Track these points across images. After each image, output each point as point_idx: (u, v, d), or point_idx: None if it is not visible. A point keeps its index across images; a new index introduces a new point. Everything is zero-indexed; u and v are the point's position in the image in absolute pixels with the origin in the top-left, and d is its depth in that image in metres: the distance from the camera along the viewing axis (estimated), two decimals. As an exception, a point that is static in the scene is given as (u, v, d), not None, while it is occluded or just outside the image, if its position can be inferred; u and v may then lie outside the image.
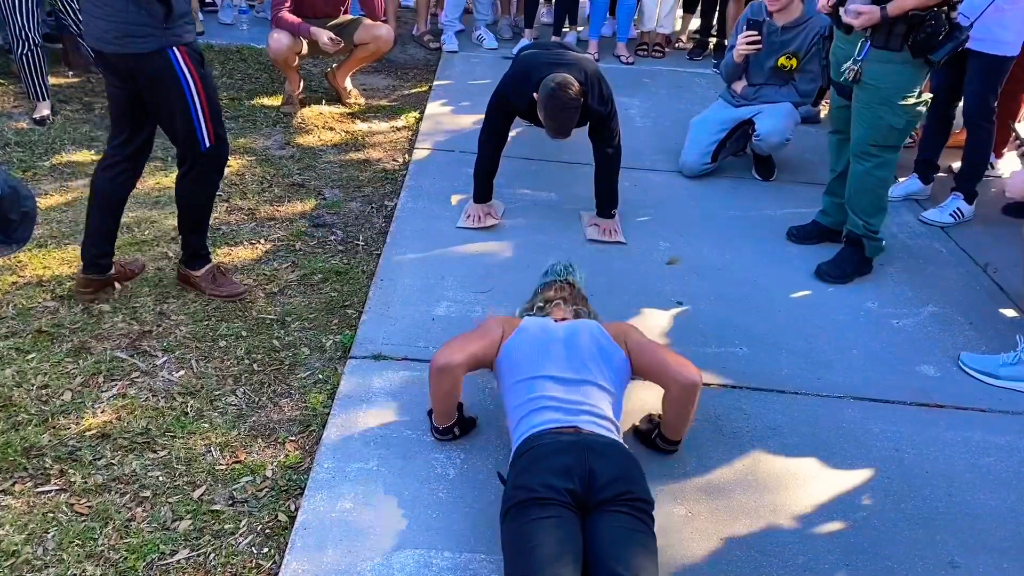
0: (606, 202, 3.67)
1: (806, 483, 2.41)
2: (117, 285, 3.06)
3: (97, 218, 2.94)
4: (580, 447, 2.02)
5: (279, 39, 4.58)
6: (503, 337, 2.34)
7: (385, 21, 5.66)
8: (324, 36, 4.52)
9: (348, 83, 5.05)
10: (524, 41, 6.21)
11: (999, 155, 4.57)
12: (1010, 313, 3.31)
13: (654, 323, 3.07)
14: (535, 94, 3.29)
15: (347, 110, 4.96)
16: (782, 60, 4.12)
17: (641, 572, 1.80)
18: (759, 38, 4.06)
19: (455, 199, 3.82)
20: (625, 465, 2.03)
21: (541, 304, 2.57)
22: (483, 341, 2.32)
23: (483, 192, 3.69)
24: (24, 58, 4.26)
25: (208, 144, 2.82)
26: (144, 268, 3.18)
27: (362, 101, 5.09)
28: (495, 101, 3.56)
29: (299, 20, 4.56)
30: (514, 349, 2.32)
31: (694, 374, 2.25)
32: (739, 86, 4.28)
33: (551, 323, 2.42)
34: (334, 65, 5.04)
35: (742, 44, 4.09)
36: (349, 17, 4.87)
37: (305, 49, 4.72)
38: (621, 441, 2.17)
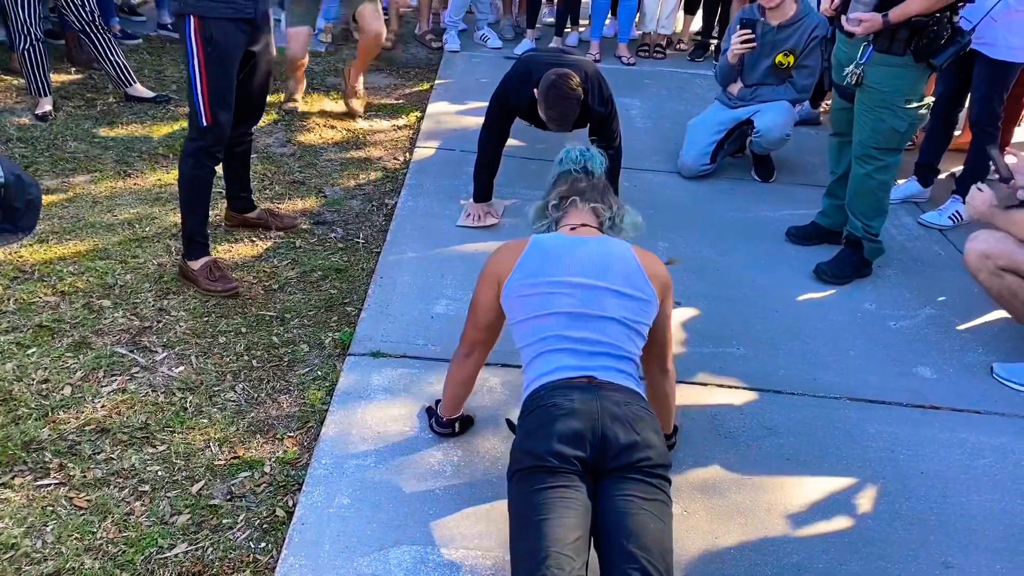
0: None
1: (802, 483, 2.42)
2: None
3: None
4: (593, 408, 1.86)
5: (299, 41, 4.51)
6: (500, 284, 2.11)
7: (386, 19, 5.63)
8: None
9: (360, 84, 4.95)
10: (526, 42, 6.24)
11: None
12: (1006, 316, 3.31)
13: (652, 323, 3.08)
14: (535, 90, 3.31)
15: (346, 108, 4.96)
16: (779, 58, 4.13)
17: (652, 547, 1.71)
18: (753, 37, 4.08)
19: (464, 202, 3.82)
20: (640, 429, 1.86)
21: (555, 202, 2.25)
22: (481, 320, 2.19)
23: (483, 191, 3.71)
24: (26, 53, 4.27)
25: (205, 122, 2.88)
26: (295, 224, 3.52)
27: (360, 109, 4.92)
28: (495, 100, 3.57)
29: None
30: (518, 284, 2.07)
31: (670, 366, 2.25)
32: (735, 88, 4.29)
33: (563, 240, 2.13)
34: (349, 61, 4.98)
35: (736, 43, 4.10)
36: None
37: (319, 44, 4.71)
38: (640, 390, 2.01)
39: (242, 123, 3.16)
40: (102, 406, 2.51)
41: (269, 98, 4.91)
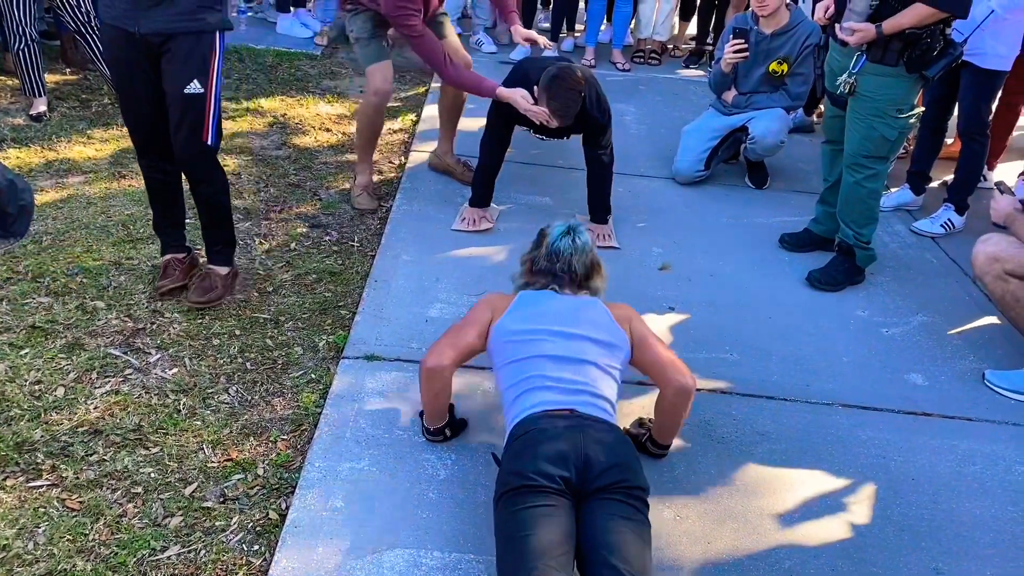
0: (600, 208, 3.70)
1: (794, 488, 2.44)
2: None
3: None
4: (576, 433, 1.99)
5: (387, 76, 3.70)
6: (492, 319, 2.30)
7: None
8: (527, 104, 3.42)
9: (453, 158, 4.19)
10: (521, 48, 6.24)
11: (991, 167, 4.61)
12: (997, 323, 3.34)
13: (646, 328, 3.09)
14: (535, 87, 3.32)
15: (342, 111, 4.96)
16: (773, 66, 4.16)
17: (634, 561, 1.79)
18: (746, 46, 4.11)
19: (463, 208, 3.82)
20: (621, 452, 1.99)
21: (539, 286, 2.40)
22: (471, 332, 2.29)
23: (482, 196, 3.71)
24: (21, 54, 4.27)
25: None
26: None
27: (468, 174, 4.03)
28: (494, 106, 3.58)
29: (479, 77, 3.61)
30: (506, 329, 2.26)
31: (689, 381, 2.25)
32: (729, 96, 4.31)
33: (549, 296, 2.34)
34: (435, 151, 4.24)
35: (729, 53, 4.13)
36: (441, 15, 3.92)
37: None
38: (618, 424, 2.14)
39: (149, 155, 2.94)
40: (95, 407, 2.51)
41: (266, 100, 4.94)
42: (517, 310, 2.30)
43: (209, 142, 2.81)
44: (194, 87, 2.69)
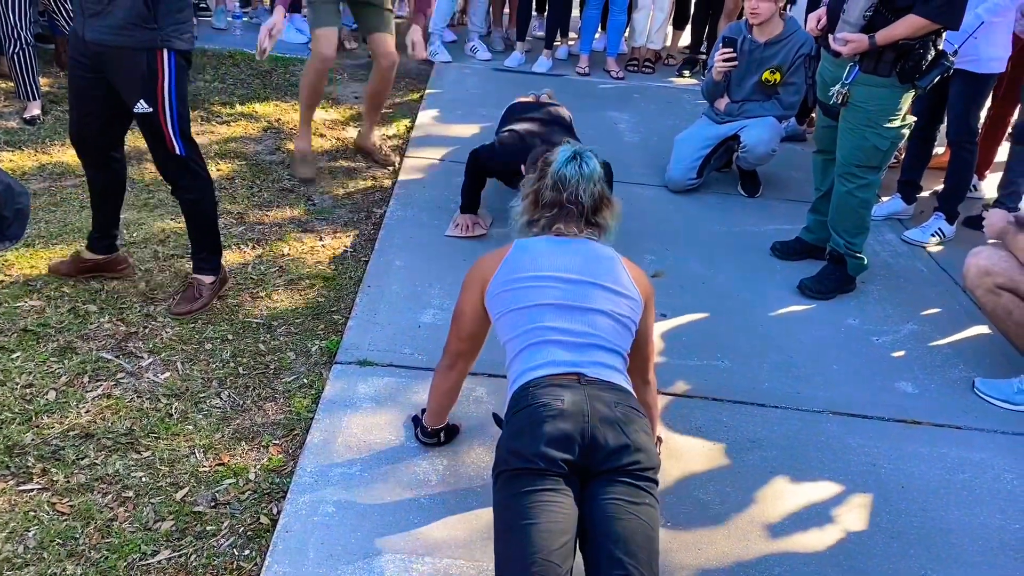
0: None
1: (784, 495, 2.45)
2: None
3: None
4: (582, 409, 1.83)
5: (329, 41, 3.95)
6: (484, 289, 2.11)
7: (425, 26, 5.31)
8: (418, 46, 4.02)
9: (375, 138, 4.51)
10: (516, 55, 6.27)
11: (981, 177, 4.64)
12: (987, 333, 3.36)
13: (638, 335, 3.10)
14: (522, 167, 3.36)
15: (336, 116, 4.97)
16: (766, 75, 4.19)
17: (640, 553, 1.72)
18: (735, 55, 4.13)
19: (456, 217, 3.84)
20: (630, 432, 1.84)
21: (539, 226, 2.17)
22: (466, 323, 2.18)
23: (470, 204, 3.73)
24: (15, 57, 4.27)
25: None
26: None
27: (395, 160, 4.46)
28: (481, 160, 3.63)
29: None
30: (502, 280, 2.07)
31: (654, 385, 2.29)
32: (721, 103, 4.34)
33: (547, 240, 2.12)
34: (359, 131, 4.54)
35: (719, 62, 4.16)
36: (385, 8, 4.15)
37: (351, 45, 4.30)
38: (629, 386, 1.99)
39: (82, 155, 2.98)
40: (86, 411, 2.51)
41: (261, 105, 4.95)
42: (513, 258, 2.09)
43: (177, 152, 2.80)
44: (141, 107, 2.70)
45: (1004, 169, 4.14)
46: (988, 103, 4.24)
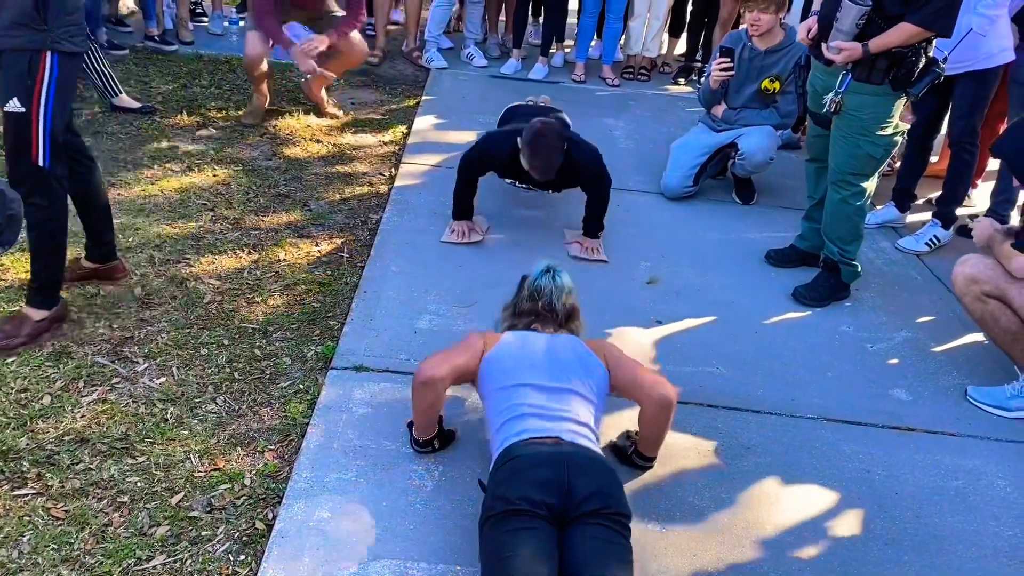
0: (593, 223, 3.72)
1: (778, 502, 2.45)
2: None
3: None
4: (560, 460, 2.03)
5: (254, 44, 4.54)
6: (484, 350, 2.36)
7: (372, 35, 5.74)
8: (306, 64, 4.58)
9: (324, 93, 5.02)
10: (512, 61, 6.29)
11: (974, 185, 4.66)
12: (980, 340, 3.37)
13: (633, 341, 3.11)
14: (519, 139, 3.38)
15: (332, 123, 4.98)
16: (765, 83, 4.20)
17: None
18: (731, 65, 4.15)
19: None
20: (604, 480, 2.03)
21: (523, 326, 2.49)
22: (466, 354, 2.34)
23: (463, 210, 3.73)
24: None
25: None
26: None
27: (340, 113, 5.08)
28: (476, 150, 3.63)
29: (279, 31, 4.53)
30: (495, 360, 2.33)
31: (669, 391, 2.30)
32: (719, 110, 4.36)
33: (532, 335, 2.43)
34: (307, 78, 4.95)
35: (715, 71, 4.17)
36: (336, 7, 4.78)
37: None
38: (600, 452, 2.18)
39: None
40: (82, 416, 2.50)
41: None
42: (505, 344, 2.37)
43: (40, 163, 2.62)
44: (13, 105, 2.56)
45: (996, 177, 4.17)
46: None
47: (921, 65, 3.05)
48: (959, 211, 4.21)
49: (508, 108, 4.13)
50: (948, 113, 4.12)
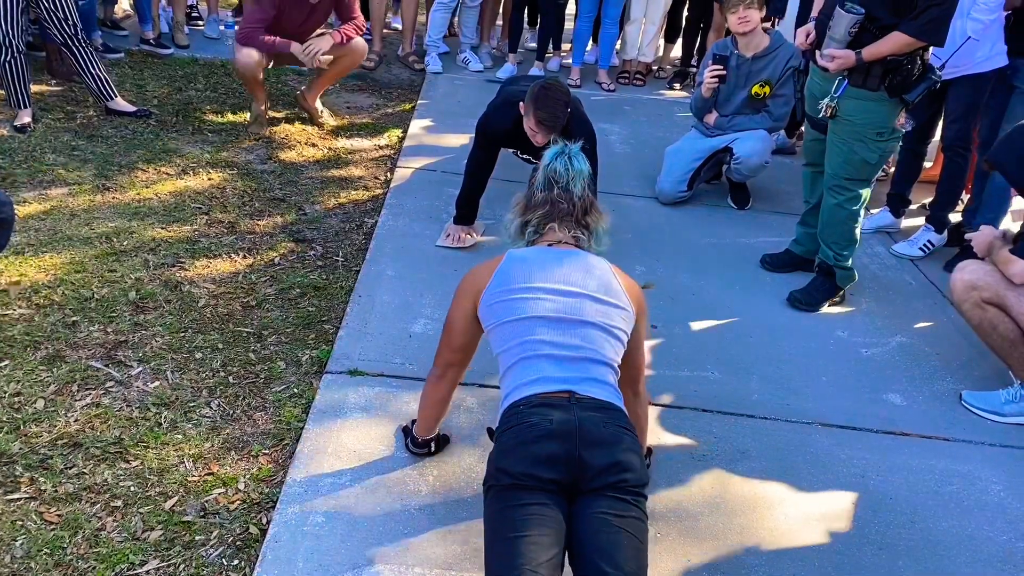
0: None
1: (773, 507, 2.45)
2: None
3: None
4: (571, 430, 1.84)
5: (249, 54, 4.48)
6: (477, 301, 2.11)
7: (369, 39, 5.73)
8: (312, 52, 4.51)
9: (319, 104, 5.01)
10: (508, 66, 6.30)
11: (967, 190, 4.67)
12: (975, 345, 3.38)
13: (628, 346, 3.11)
14: (521, 104, 3.34)
15: (327, 127, 4.98)
16: (755, 88, 4.22)
17: (627, 566, 1.73)
18: (724, 71, 4.17)
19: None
20: (619, 451, 1.85)
21: (533, 227, 2.20)
22: (458, 335, 2.18)
23: (466, 216, 3.73)
24: (7, 65, 4.25)
25: None
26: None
27: (332, 122, 5.05)
28: (479, 127, 3.61)
29: (274, 40, 4.48)
30: (495, 292, 2.07)
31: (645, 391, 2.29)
32: (711, 118, 4.37)
33: (540, 251, 2.13)
34: (303, 88, 5.00)
35: (708, 77, 4.19)
36: (320, 31, 4.76)
37: (270, 63, 4.69)
38: (620, 403, 1.98)
39: None
40: (75, 420, 2.49)
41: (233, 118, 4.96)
42: (505, 269, 2.09)
43: None
44: None
45: (973, 189, 4.19)
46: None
47: (917, 72, 3.06)
48: (952, 216, 4.22)
49: (501, 86, 4.07)
50: (941, 118, 4.13)
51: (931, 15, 2.93)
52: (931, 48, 3.11)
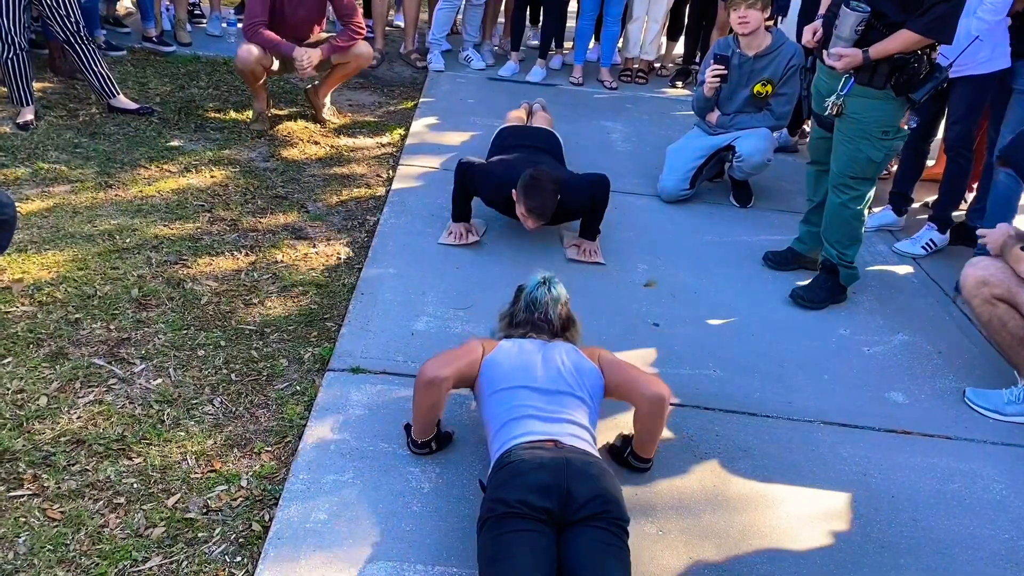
0: (591, 226, 3.73)
1: (775, 505, 2.45)
2: None
3: None
4: (559, 465, 2.04)
5: (248, 49, 4.46)
6: (483, 354, 2.38)
7: (371, 38, 5.73)
8: (305, 60, 4.47)
9: (327, 100, 5.04)
10: (511, 64, 6.30)
11: (969, 189, 4.67)
12: (977, 343, 3.38)
13: (630, 344, 3.11)
14: (514, 191, 3.45)
15: (330, 125, 4.99)
16: (758, 87, 4.21)
17: None
18: (725, 71, 4.16)
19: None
20: (602, 485, 2.04)
21: (519, 336, 2.50)
22: (467, 358, 2.36)
23: (461, 213, 3.73)
24: (9, 62, 4.26)
25: None
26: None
27: (336, 120, 5.07)
28: (468, 179, 3.62)
29: (279, 39, 4.46)
30: (494, 364, 2.36)
31: (662, 389, 2.31)
32: (713, 117, 4.36)
33: (528, 342, 2.45)
34: (315, 83, 5.01)
35: (709, 77, 4.18)
36: (324, 35, 4.81)
37: (276, 66, 4.66)
38: (598, 454, 2.20)
39: None
40: (78, 417, 2.50)
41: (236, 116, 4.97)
42: (503, 349, 2.41)
43: None
44: None
45: (977, 188, 4.18)
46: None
47: (924, 71, 3.05)
48: (956, 215, 4.22)
49: (499, 132, 4.14)
50: (944, 118, 4.13)
51: (938, 12, 2.93)
52: (939, 47, 3.11)
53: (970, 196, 4.66)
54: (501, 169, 3.62)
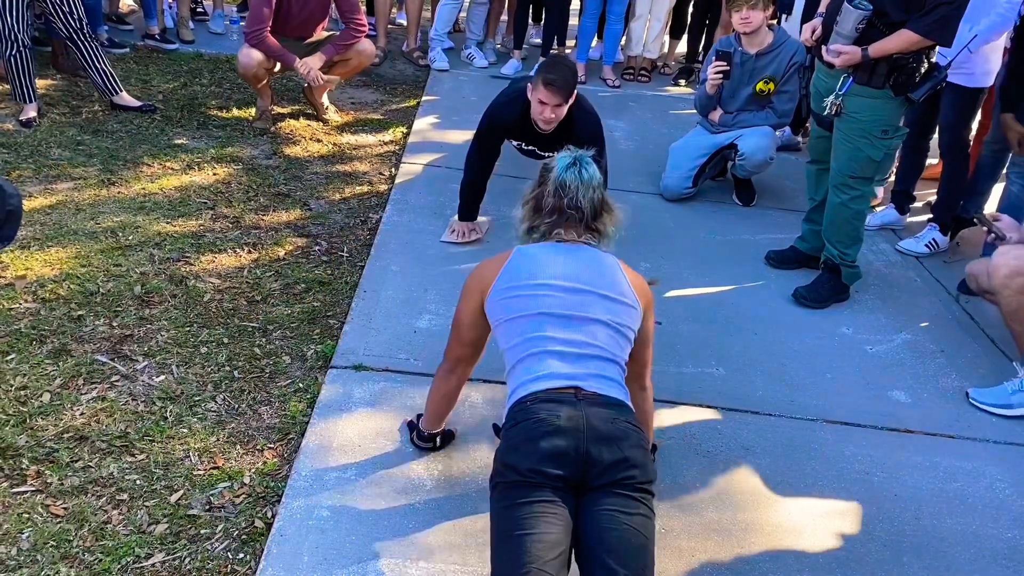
0: None
1: (777, 503, 2.45)
2: None
3: None
4: (579, 426, 1.84)
5: (250, 54, 4.46)
6: (483, 299, 2.12)
7: (373, 36, 5.73)
8: (308, 74, 4.54)
9: (325, 99, 5.02)
10: (513, 62, 6.29)
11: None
12: (980, 342, 3.38)
13: (633, 342, 3.11)
14: (529, 84, 3.33)
15: (332, 122, 4.99)
16: (760, 85, 4.21)
17: (632, 562, 1.73)
18: (727, 68, 4.16)
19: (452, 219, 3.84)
20: (626, 445, 1.85)
21: (540, 233, 2.18)
22: (467, 332, 2.19)
23: (467, 210, 3.72)
24: (12, 59, 4.26)
25: None
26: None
27: (338, 118, 5.06)
28: (485, 119, 3.59)
29: (281, 49, 4.47)
30: (502, 288, 2.07)
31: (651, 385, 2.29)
32: (715, 115, 4.36)
33: (548, 246, 2.13)
34: (320, 82, 4.97)
35: (711, 75, 4.18)
36: (325, 34, 4.80)
37: (278, 67, 4.66)
38: (626, 397, 1.99)
39: None
40: (81, 413, 2.50)
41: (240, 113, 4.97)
42: (513, 265, 2.10)
43: None
44: None
45: (973, 178, 4.17)
46: (979, 116, 4.27)
47: (923, 71, 3.05)
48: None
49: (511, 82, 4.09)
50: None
51: (940, 13, 2.92)
52: (938, 47, 3.10)
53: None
54: (507, 92, 3.56)
